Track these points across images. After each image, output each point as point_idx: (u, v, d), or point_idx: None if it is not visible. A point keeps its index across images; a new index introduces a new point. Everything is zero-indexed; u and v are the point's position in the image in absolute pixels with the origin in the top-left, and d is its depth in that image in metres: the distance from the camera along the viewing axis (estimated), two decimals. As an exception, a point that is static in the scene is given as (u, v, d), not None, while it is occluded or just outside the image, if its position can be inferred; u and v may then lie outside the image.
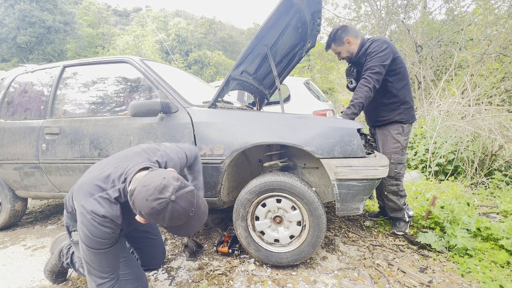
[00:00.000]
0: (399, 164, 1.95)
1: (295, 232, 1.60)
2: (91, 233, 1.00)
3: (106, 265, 1.08)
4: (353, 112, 1.79)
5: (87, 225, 1.00)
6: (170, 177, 0.95)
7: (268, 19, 1.55)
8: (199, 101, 1.87)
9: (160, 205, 0.88)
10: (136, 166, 1.09)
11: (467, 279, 1.49)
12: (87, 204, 1.02)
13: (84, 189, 1.06)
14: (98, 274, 1.07)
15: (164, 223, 0.92)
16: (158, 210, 0.89)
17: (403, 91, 1.94)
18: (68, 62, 2.28)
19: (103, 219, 1.01)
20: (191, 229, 1.00)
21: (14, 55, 22.81)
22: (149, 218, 0.93)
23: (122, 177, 1.07)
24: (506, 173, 3.08)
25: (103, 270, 1.07)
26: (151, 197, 0.89)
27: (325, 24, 10.35)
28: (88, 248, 1.03)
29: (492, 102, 4.30)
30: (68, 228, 1.29)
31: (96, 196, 1.03)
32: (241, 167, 1.99)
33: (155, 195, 0.89)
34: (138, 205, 0.92)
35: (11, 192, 2.38)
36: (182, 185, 0.94)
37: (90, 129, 1.94)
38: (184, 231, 1.00)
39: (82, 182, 1.11)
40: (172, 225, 0.95)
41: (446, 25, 6.81)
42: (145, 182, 0.93)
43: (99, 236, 1.01)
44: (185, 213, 0.93)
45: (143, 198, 0.90)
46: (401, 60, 1.92)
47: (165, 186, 0.90)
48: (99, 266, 1.06)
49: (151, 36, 28.53)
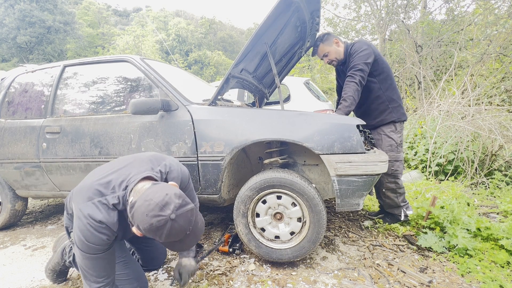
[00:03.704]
0: (396, 161, 1.98)
1: (296, 229, 1.61)
2: (86, 238, 0.99)
3: (100, 269, 1.07)
4: (344, 105, 1.81)
5: (83, 230, 0.99)
6: (172, 193, 0.93)
7: (267, 17, 1.55)
8: (199, 99, 1.87)
9: (159, 222, 0.87)
10: (138, 175, 1.07)
11: (467, 279, 1.49)
12: (85, 208, 1.01)
13: (84, 193, 1.06)
14: (93, 279, 1.07)
15: (161, 239, 0.91)
16: (157, 227, 0.88)
17: (389, 91, 2.00)
18: (69, 62, 2.28)
19: (99, 224, 1.00)
20: (186, 246, 0.99)
21: (14, 55, 22.81)
22: (146, 233, 0.92)
23: (123, 184, 1.06)
24: (506, 173, 3.08)
25: (98, 274, 1.07)
26: (151, 213, 0.88)
27: (325, 24, 10.35)
28: (82, 252, 1.02)
29: (492, 102, 4.31)
30: (67, 229, 1.30)
31: (95, 200, 1.02)
32: (242, 165, 2.00)
33: (156, 211, 0.88)
34: (137, 219, 0.92)
35: (11, 191, 2.38)
36: (183, 203, 0.93)
37: (90, 127, 1.94)
38: (178, 247, 1.00)
39: (82, 185, 1.11)
40: (168, 242, 0.95)
41: (446, 25, 6.81)
42: (147, 197, 0.92)
43: (93, 242, 1.00)
44: (183, 231, 0.92)
45: (143, 213, 0.89)
46: (383, 60, 1.99)
47: (166, 203, 0.89)
48: (94, 270, 1.06)
49: (151, 36, 28.53)
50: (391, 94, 2.00)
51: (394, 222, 2.15)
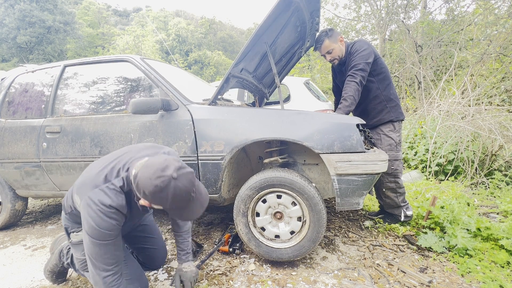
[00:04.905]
0: (395, 160, 1.98)
1: (296, 228, 1.61)
2: (97, 224, 1.01)
3: (110, 257, 1.08)
4: (345, 105, 1.81)
5: (93, 217, 1.01)
6: (171, 159, 1.00)
7: (267, 17, 1.55)
8: (199, 99, 1.87)
9: (163, 182, 0.93)
10: (139, 158, 1.13)
11: (467, 279, 1.49)
12: (93, 195, 1.04)
13: (89, 183, 1.09)
14: (102, 267, 1.07)
15: (167, 203, 0.96)
16: (161, 188, 0.93)
17: (387, 90, 2.01)
18: (69, 62, 2.28)
19: (109, 209, 1.03)
20: (193, 214, 1.04)
21: (14, 55, 22.81)
22: (153, 198, 0.96)
23: (126, 166, 1.12)
24: (506, 173, 3.08)
25: (108, 262, 1.08)
26: (154, 175, 0.94)
27: (325, 24, 10.35)
28: (93, 240, 1.04)
29: (492, 102, 4.31)
30: (67, 229, 1.29)
31: (103, 187, 1.06)
32: (241, 164, 2.00)
33: (158, 173, 0.94)
34: (142, 185, 0.96)
35: (11, 191, 2.38)
36: (183, 166, 1.00)
37: (90, 127, 1.95)
38: (186, 215, 1.04)
39: (85, 177, 1.13)
40: (175, 207, 0.99)
41: (446, 25, 6.81)
42: (147, 165, 0.99)
43: (104, 228, 1.02)
44: (187, 192, 0.97)
45: (146, 178, 0.95)
46: (382, 61, 1.99)
47: (167, 166, 0.96)
48: (104, 258, 1.07)
49: (151, 36, 28.53)
50: (389, 93, 2.00)
51: (394, 223, 2.15)
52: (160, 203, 0.97)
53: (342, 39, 2.01)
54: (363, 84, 1.88)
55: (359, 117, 2.10)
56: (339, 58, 2.04)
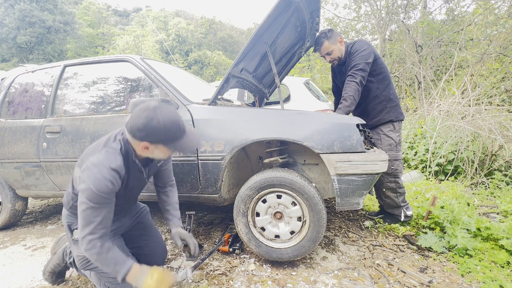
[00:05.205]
0: (395, 160, 1.99)
1: (296, 228, 1.61)
2: (95, 186, 1.03)
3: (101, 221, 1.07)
4: (345, 105, 1.81)
5: (92, 178, 1.04)
6: (150, 102, 1.12)
7: (267, 17, 1.55)
8: (199, 99, 1.87)
9: (149, 113, 1.05)
10: None
11: (467, 279, 1.49)
12: (94, 158, 1.10)
13: (89, 152, 1.18)
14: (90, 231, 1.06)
15: (162, 132, 1.05)
16: (150, 117, 1.04)
17: (387, 90, 2.01)
18: (69, 62, 2.28)
19: (107, 170, 1.07)
20: (191, 144, 1.14)
21: (14, 55, 22.82)
22: (148, 132, 1.05)
23: (121, 132, 1.22)
24: (506, 173, 3.08)
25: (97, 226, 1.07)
26: (141, 111, 1.07)
27: (325, 24, 10.35)
28: (88, 202, 1.04)
29: (492, 102, 4.31)
30: (70, 226, 1.29)
31: (103, 150, 1.14)
32: (242, 165, 2.00)
33: (143, 109, 1.07)
34: (134, 125, 1.06)
35: (11, 191, 2.38)
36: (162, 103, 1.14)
37: (91, 127, 1.95)
38: (184, 145, 1.12)
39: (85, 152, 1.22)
40: (171, 137, 1.08)
41: (446, 25, 6.82)
42: (134, 112, 1.11)
43: (101, 190, 1.04)
44: (175, 118, 1.09)
45: (136, 117, 1.07)
46: (382, 61, 2.00)
47: (148, 105, 1.09)
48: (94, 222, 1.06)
49: (151, 36, 28.54)
50: (389, 93, 2.01)
51: (394, 223, 2.15)
52: (156, 135, 1.06)
53: (342, 39, 2.01)
54: (363, 84, 1.89)
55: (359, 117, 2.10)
56: (339, 58, 2.04)
